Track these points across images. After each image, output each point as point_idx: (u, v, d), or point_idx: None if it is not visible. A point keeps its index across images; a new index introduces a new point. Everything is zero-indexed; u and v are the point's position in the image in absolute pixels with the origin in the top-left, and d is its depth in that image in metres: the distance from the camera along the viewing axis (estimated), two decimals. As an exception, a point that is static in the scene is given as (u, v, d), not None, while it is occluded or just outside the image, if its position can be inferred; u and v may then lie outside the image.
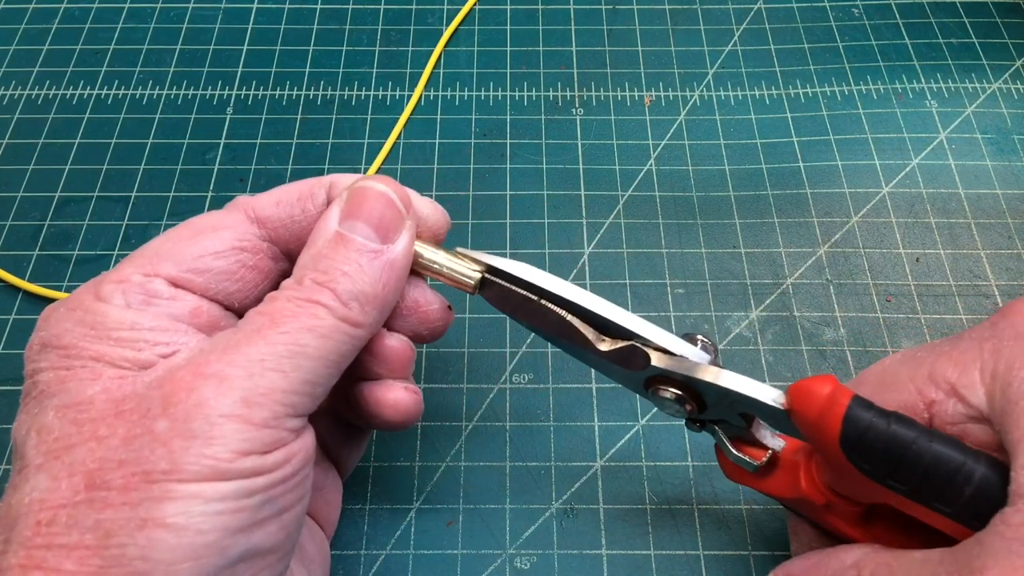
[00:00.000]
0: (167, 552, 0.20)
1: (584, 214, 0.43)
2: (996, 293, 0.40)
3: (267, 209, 0.27)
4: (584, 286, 0.32)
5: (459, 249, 0.28)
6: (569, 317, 0.27)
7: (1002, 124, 0.46)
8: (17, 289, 0.40)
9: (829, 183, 0.44)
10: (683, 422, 0.29)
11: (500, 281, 0.28)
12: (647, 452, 0.35)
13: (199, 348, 0.23)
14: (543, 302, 0.28)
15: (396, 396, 0.27)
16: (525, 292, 0.28)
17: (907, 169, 0.44)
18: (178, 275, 0.25)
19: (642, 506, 0.34)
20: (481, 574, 0.33)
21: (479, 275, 0.28)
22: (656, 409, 0.36)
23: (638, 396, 0.36)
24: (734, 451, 0.28)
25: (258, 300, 0.26)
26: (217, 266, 0.25)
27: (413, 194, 0.28)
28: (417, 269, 0.28)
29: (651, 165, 0.44)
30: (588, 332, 0.28)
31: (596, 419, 0.36)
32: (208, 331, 0.25)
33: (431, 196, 0.43)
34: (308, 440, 0.24)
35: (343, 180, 0.27)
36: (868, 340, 0.38)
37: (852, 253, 0.41)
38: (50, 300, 0.39)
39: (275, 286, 0.27)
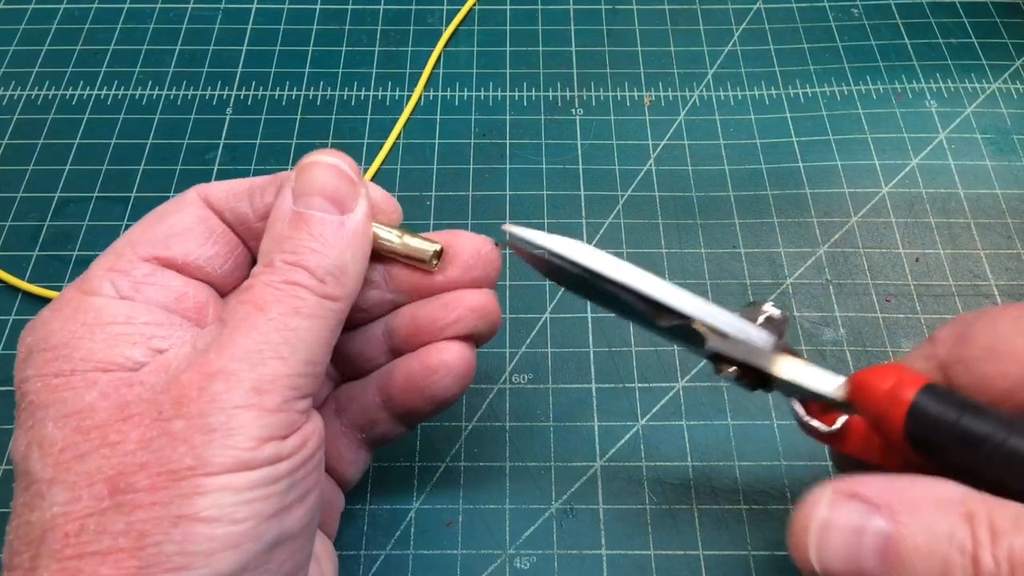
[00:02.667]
0: (205, 543, 0.20)
1: (584, 214, 0.43)
2: (996, 293, 0.40)
3: (218, 196, 0.27)
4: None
5: (506, 226, 0.27)
6: (624, 296, 0.26)
7: (1002, 124, 0.46)
8: (17, 289, 0.40)
9: (829, 183, 0.43)
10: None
11: (556, 260, 0.26)
12: (647, 452, 0.35)
13: (194, 348, 0.23)
14: (597, 282, 0.26)
15: (442, 357, 0.28)
16: (578, 272, 0.26)
17: (907, 169, 0.44)
18: (156, 254, 0.25)
19: (642, 506, 0.34)
20: (481, 574, 0.33)
21: (437, 246, 0.28)
22: (656, 409, 0.36)
23: (638, 396, 0.36)
24: (804, 418, 0.26)
25: (230, 273, 0.27)
26: (189, 237, 0.25)
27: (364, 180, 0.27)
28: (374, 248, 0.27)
29: (651, 165, 0.44)
30: (646, 309, 0.26)
31: (596, 419, 0.36)
32: (196, 317, 0.25)
33: (431, 196, 0.43)
34: (318, 422, 0.24)
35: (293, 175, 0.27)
36: (868, 340, 0.38)
37: (852, 253, 0.41)
38: (50, 300, 0.39)
39: (241, 261, 0.27)
